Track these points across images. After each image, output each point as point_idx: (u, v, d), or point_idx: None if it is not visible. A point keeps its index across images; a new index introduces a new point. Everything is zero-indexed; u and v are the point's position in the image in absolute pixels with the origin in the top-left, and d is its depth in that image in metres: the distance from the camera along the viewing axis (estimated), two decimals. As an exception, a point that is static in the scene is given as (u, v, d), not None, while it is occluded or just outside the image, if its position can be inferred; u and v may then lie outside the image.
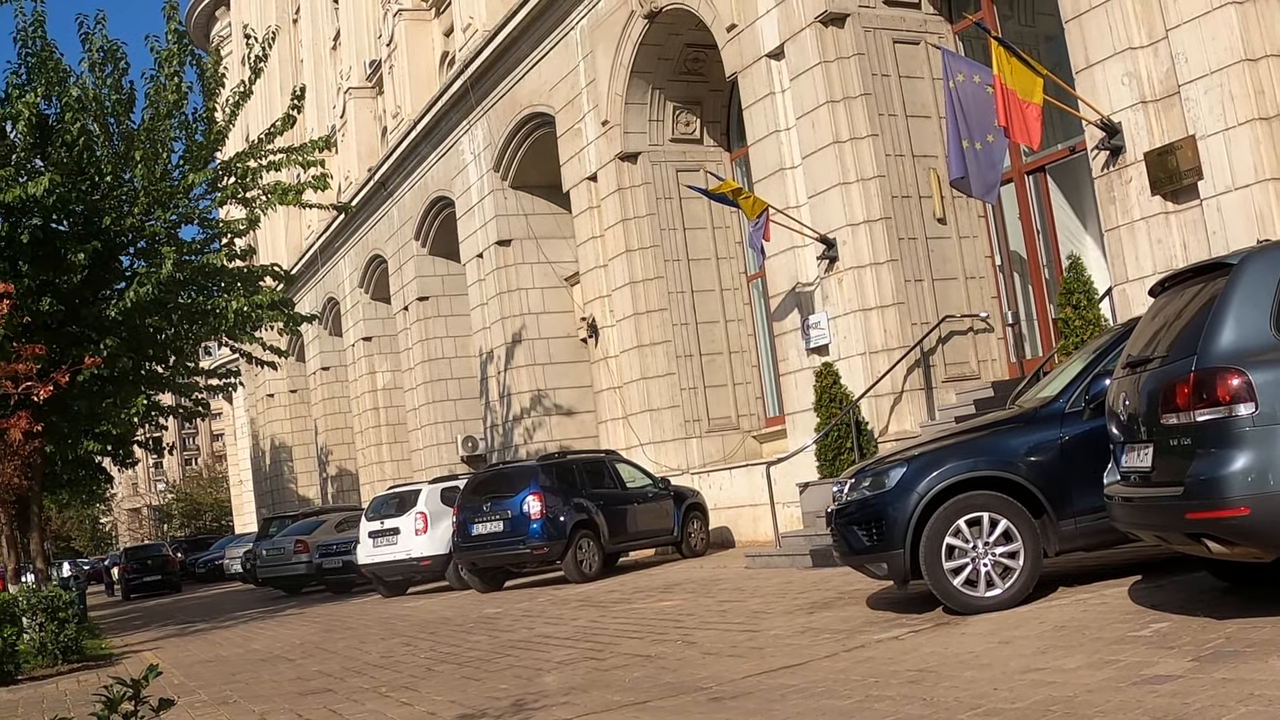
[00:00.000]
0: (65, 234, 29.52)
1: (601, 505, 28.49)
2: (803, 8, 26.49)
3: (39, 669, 23.90)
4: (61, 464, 36.99)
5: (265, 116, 60.84)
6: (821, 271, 26.68)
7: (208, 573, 70.22)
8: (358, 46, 60.99)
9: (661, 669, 13.12)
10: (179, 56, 30.57)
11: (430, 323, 51.22)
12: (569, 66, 37.04)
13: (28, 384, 17.44)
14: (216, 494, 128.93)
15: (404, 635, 21.39)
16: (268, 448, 79.60)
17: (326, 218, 58.04)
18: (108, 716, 5.67)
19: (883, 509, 13.83)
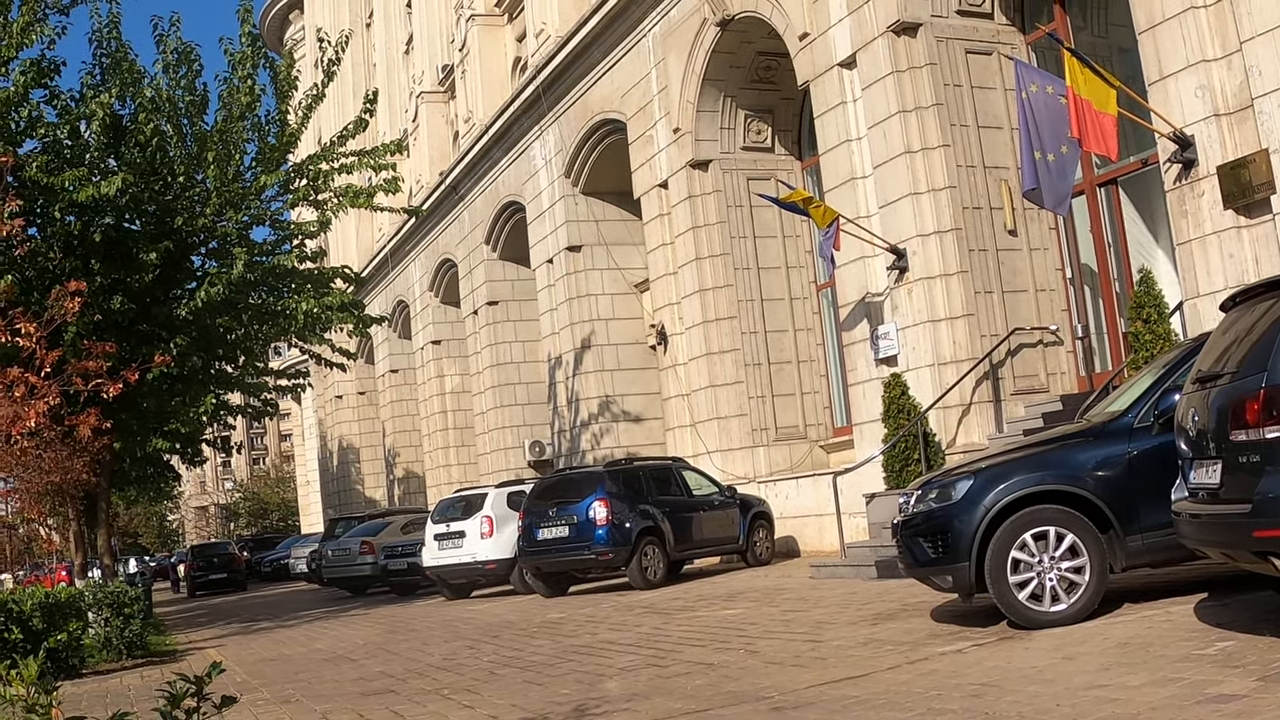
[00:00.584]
0: (137, 233, 29.71)
1: (667, 512, 28.45)
2: (875, 17, 26.43)
3: (104, 663, 24.07)
4: (130, 461, 37.19)
5: (337, 119, 61.05)
6: (891, 282, 26.60)
7: (273, 572, 70.49)
8: (430, 51, 61.13)
9: (723, 677, 13.11)
10: (252, 59, 30.74)
11: (499, 327, 51.29)
12: (641, 73, 37.06)
13: (97, 381, 17.52)
14: (283, 494, 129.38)
15: (467, 638, 21.43)
16: (335, 449, 79.88)
17: (397, 221, 58.20)
18: (170, 712, 5.69)
19: (949, 521, 13.77)
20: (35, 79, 28.05)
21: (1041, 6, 26.66)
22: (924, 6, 26.06)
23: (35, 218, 28.14)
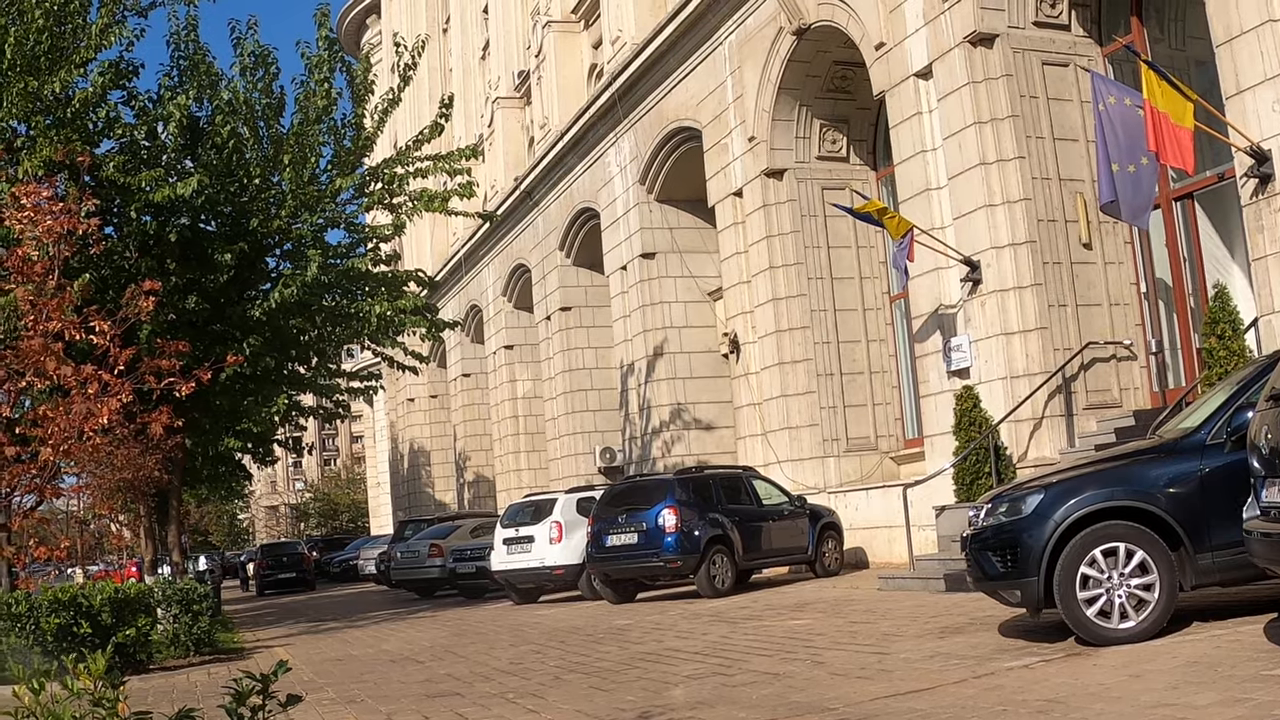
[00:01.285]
0: (213, 234, 29.91)
1: (737, 521, 28.40)
2: (952, 28, 26.35)
3: (171, 659, 24.24)
4: (202, 459, 37.47)
5: (413, 124, 61.25)
6: (965, 294, 26.51)
7: (342, 572, 70.68)
8: (506, 57, 61.28)
9: (789, 688, 13.08)
10: (329, 63, 30.91)
11: (572, 333, 51.34)
12: (716, 81, 37.05)
13: (170, 380, 17.60)
14: (354, 495, 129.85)
15: (534, 643, 21.44)
16: (406, 451, 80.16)
17: (471, 226, 58.39)
18: (236, 709, 5.72)
19: (1018, 535, 13.69)
20: (113, 80, 28.27)
21: (1118, 19, 26.52)
22: (1000, 17, 25.95)
23: (112, 217, 28.38)
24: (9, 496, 15.58)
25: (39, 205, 17.08)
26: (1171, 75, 19.46)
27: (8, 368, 15.54)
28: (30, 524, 16.76)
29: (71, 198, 18.39)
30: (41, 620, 21.20)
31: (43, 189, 18.12)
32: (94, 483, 27.14)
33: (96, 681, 5.72)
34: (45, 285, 16.06)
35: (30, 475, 15.45)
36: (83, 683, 5.73)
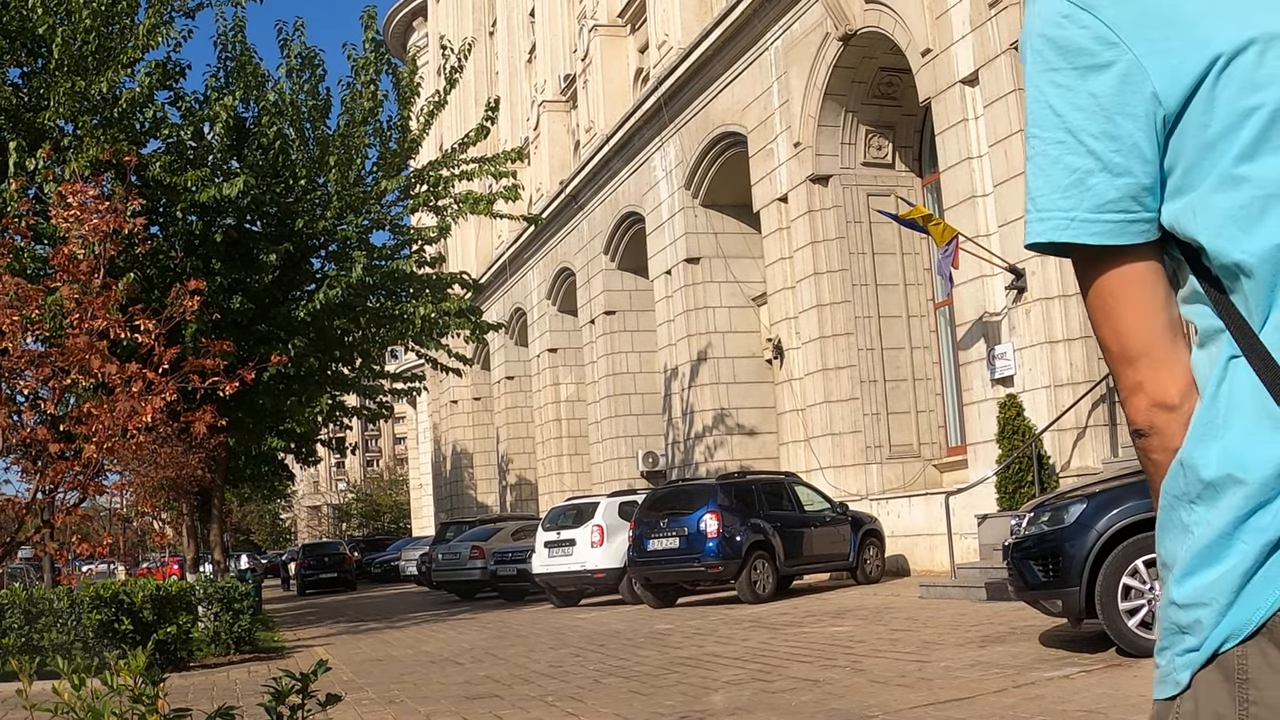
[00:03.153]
0: (258, 235, 30.03)
1: (778, 527, 28.35)
2: (998, 34, 26.28)
3: (211, 657, 24.36)
4: (245, 459, 37.60)
5: (459, 126, 61.38)
6: (1009, 302, 26.43)
7: (383, 573, 70.84)
8: (552, 60, 61.34)
9: (828, 694, 13.05)
10: (375, 65, 31.00)
11: (616, 337, 51.33)
12: (762, 87, 37.01)
13: (214, 379, 17.66)
14: (396, 496, 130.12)
15: (574, 646, 21.45)
16: (449, 453, 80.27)
17: (516, 228, 58.44)
18: (275, 708, 5.73)
19: (1060, 545, 13.63)
20: (160, 81, 28.43)
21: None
22: (1049, 25, 25.85)
23: (157, 216, 28.50)
24: (53, 493, 15.64)
25: (85, 204, 17.16)
26: None
27: (53, 365, 15.61)
28: (73, 521, 16.83)
29: (117, 197, 18.47)
30: (83, 616, 21.33)
31: (89, 188, 18.20)
32: (137, 480, 27.18)
33: (137, 678, 5.74)
34: (91, 284, 16.12)
35: (74, 472, 15.51)
36: (123, 679, 5.74)
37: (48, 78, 27.32)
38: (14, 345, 14.99)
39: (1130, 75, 2.05)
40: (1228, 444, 1.99)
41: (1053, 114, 2.13)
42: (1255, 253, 1.97)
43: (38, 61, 28.17)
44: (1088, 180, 2.09)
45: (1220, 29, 2.01)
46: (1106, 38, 2.07)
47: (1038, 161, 2.16)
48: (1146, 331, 2.11)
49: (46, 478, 15.33)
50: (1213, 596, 1.99)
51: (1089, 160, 2.09)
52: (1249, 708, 1.94)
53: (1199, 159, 2.03)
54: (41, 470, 15.55)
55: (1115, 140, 2.07)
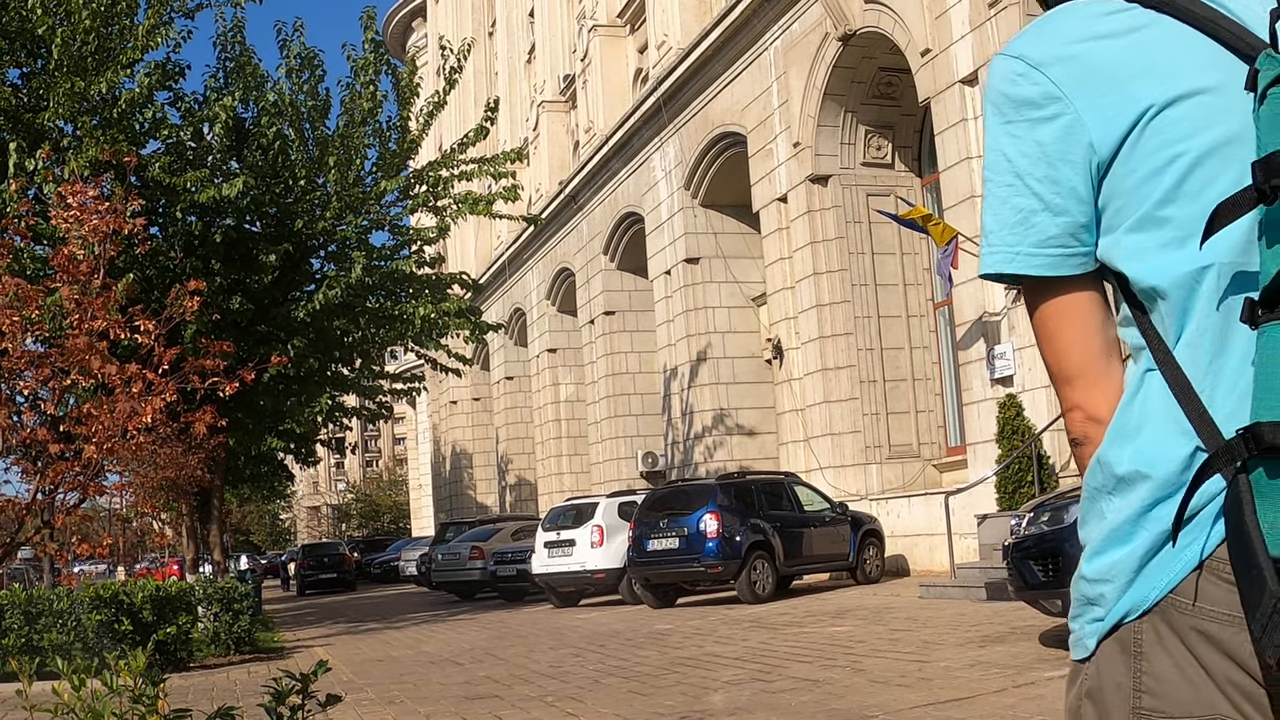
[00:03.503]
0: (258, 235, 30.06)
1: (778, 527, 28.35)
2: (997, 34, 26.28)
3: (211, 658, 24.38)
4: (245, 459, 37.62)
5: (458, 127, 61.38)
6: (1009, 301, 26.42)
7: (382, 573, 70.86)
8: (552, 61, 61.36)
9: (828, 694, 13.06)
10: (375, 65, 31.03)
11: (615, 337, 51.33)
12: (762, 87, 37.01)
13: (214, 379, 17.68)
14: (395, 496, 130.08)
15: (574, 646, 21.46)
16: (448, 453, 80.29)
17: (516, 229, 58.43)
18: (275, 708, 5.73)
19: (1060, 545, 13.63)
20: (160, 81, 28.46)
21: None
22: (1049, 25, 25.86)
23: (157, 217, 28.51)
24: (53, 493, 15.65)
25: (85, 205, 17.17)
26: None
27: (53, 366, 15.62)
28: (73, 521, 16.84)
29: (117, 198, 18.47)
30: (83, 617, 21.33)
31: (89, 189, 18.21)
32: (137, 481, 27.19)
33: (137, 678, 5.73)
34: (90, 284, 16.13)
35: (74, 472, 15.52)
36: (123, 679, 5.74)
37: (47, 78, 27.34)
38: (14, 346, 15.00)
39: (1072, 127, 2.32)
40: (1139, 445, 2.24)
41: (1005, 160, 2.40)
42: (1170, 279, 2.24)
43: (37, 62, 28.20)
44: (1032, 219, 2.35)
45: (1151, 86, 2.27)
46: (1053, 94, 2.34)
47: (990, 201, 2.43)
48: (1083, 353, 2.38)
49: (46, 478, 15.34)
50: (1116, 574, 2.24)
51: (1033, 201, 2.35)
52: (1141, 678, 2.19)
53: (1127, 200, 2.29)
54: (41, 471, 15.56)
55: (1056, 184, 2.33)
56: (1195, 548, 2.15)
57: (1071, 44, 2.37)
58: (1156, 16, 2.34)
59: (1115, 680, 2.24)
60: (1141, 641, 2.20)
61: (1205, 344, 2.21)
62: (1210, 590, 2.13)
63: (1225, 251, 2.19)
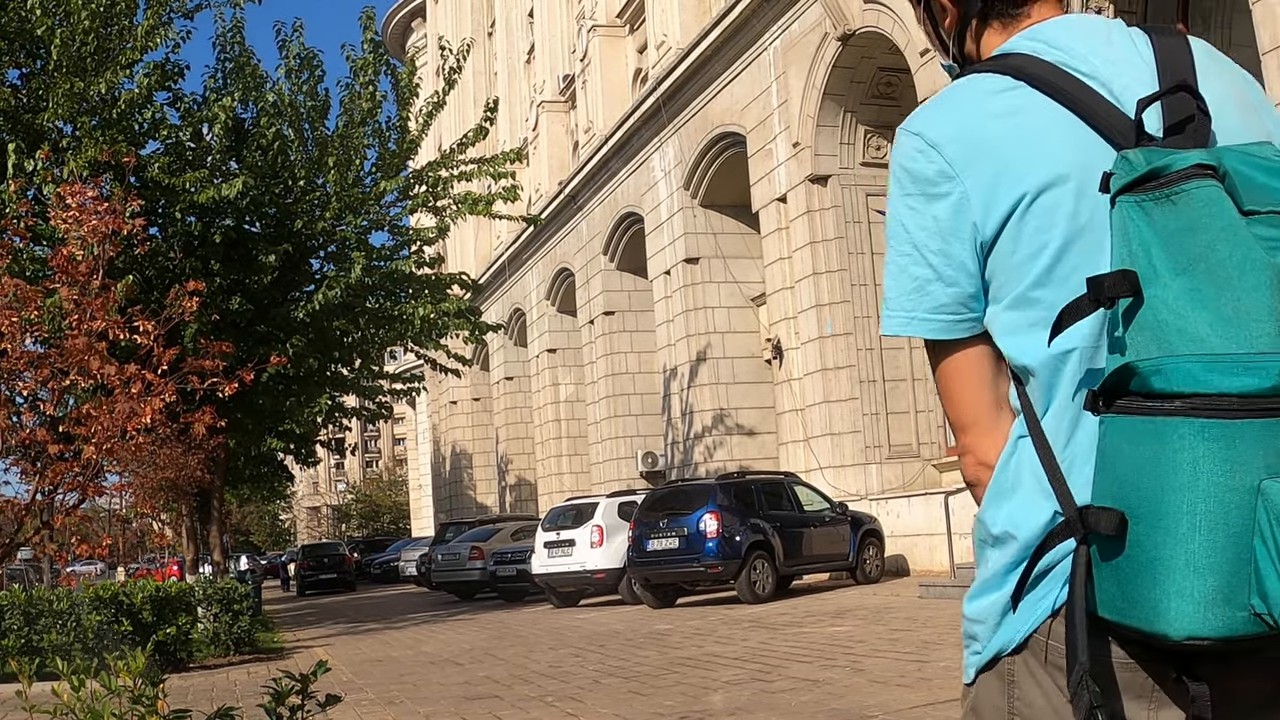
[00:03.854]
0: (257, 235, 30.07)
1: (778, 527, 28.35)
2: (999, 35, 26.25)
3: (211, 658, 24.38)
4: (244, 460, 37.61)
5: (458, 127, 61.38)
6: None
7: (382, 574, 70.89)
8: (551, 61, 61.35)
9: (828, 694, 13.05)
10: (374, 66, 31.04)
11: (615, 337, 51.32)
12: (761, 87, 37.01)
13: (214, 380, 17.68)
14: (395, 497, 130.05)
15: (573, 646, 21.46)
16: (448, 454, 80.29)
17: (515, 229, 58.43)
18: (275, 708, 5.72)
19: (1059, 544, 13.59)
20: (159, 82, 28.47)
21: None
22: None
23: (156, 218, 28.52)
24: (52, 494, 15.64)
25: (84, 205, 17.16)
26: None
27: (52, 366, 15.61)
28: (73, 522, 16.83)
29: (116, 198, 18.47)
30: (82, 617, 21.33)
31: (88, 189, 18.20)
32: (136, 481, 27.17)
33: (136, 679, 5.73)
34: (89, 285, 16.13)
35: (73, 473, 15.50)
36: (122, 680, 5.74)
37: (46, 79, 27.34)
38: (13, 346, 15.00)
39: (960, 205, 2.52)
40: (1010, 508, 2.49)
41: (904, 230, 2.63)
42: (1038, 359, 2.46)
43: (36, 63, 28.20)
44: (926, 287, 2.58)
45: (1029, 172, 2.47)
46: (946, 172, 2.54)
47: (890, 267, 2.68)
48: (975, 406, 2.60)
49: (46, 479, 15.33)
50: (988, 616, 2.51)
51: (928, 271, 2.58)
52: (1014, 703, 2.47)
53: (1008, 278, 2.50)
54: (41, 471, 15.55)
55: (947, 257, 2.55)
56: (1051, 597, 2.41)
57: (966, 123, 2.56)
58: (1039, 99, 2.53)
59: (993, 703, 2.51)
60: (1014, 673, 2.47)
61: (1066, 419, 2.44)
62: (1061, 633, 2.35)
63: (1087, 337, 2.41)
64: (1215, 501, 2.12)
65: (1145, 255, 2.23)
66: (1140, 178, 2.26)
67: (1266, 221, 2.21)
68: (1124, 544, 2.20)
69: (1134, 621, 2.20)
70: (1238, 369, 2.12)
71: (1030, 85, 2.54)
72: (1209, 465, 2.12)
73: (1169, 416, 2.15)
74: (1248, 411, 2.11)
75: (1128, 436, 2.20)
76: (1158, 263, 2.22)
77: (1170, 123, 2.40)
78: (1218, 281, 2.18)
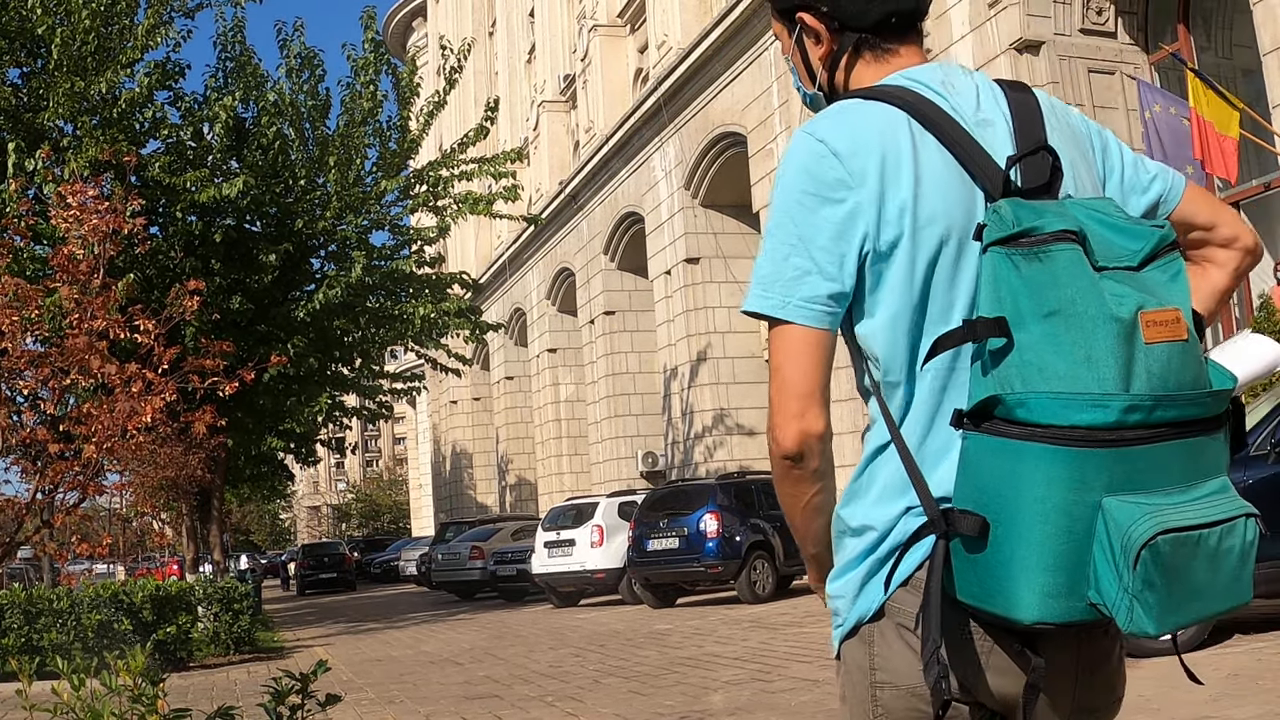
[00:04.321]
0: (258, 235, 30.08)
1: (778, 527, 28.32)
2: (998, 35, 26.26)
3: (211, 657, 24.38)
4: (244, 459, 37.61)
5: (458, 127, 61.37)
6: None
7: (382, 573, 70.91)
8: (552, 60, 61.32)
9: (828, 694, 13.05)
10: (375, 65, 31.06)
11: (615, 337, 51.27)
12: (762, 87, 36.99)
13: (214, 379, 17.71)
14: (395, 496, 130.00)
15: (573, 646, 21.47)
16: (448, 453, 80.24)
17: (516, 229, 58.38)
18: (275, 708, 5.73)
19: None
20: (160, 81, 28.48)
21: (1165, 26, 26.40)
22: (1047, 25, 25.85)
23: (157, 217, 28.53)
24: (52, 493, 15.66)
25: (85, 204, 17.19)
26: (1218, 84, 19.37)
27: (53, 365, 15.64)
28: (73, 521, 16.85)
29: (117, 197, 18.50)
30: (83, 616, 21.34)
31: (88, 188, 18.23)
32: (136, 480, 27.18)
33: (136, 678, 5.74)
34: (90, 284, 16.16)
35: (74, 472, 15.53)
36: (122, 679, 5.74)
37: (47, 78, 27.35)
38: (14, 345, 15.02)
39: (855, 215, 2.78)
40: (867, 505, 2.88)
41: (791, 224, 2.83)
42: (904, 367, 2.82)
43: (37, 62, 28.21)
44: (805, 278, 2.80)
45: (918, 206, 2.78)
46: (846, 183, 2.79)
47: (771, 253, 2.86)
48: (817, 379, 2.83)
49: (46, 478, 15.36)
50: (846, 592, 2.89)
51: (809, 264, 2.80)
52: (874, 659, 2.84)
53: (891, 290, 2.80)
54: (41, 470, 15.58)
55: (831, 255, 2.79)
56: (902, 572, 2.79)
57: (870, 144, 2.80)
58: (927, 138, 2.83)
59: (858, 664, 2.88)
60: (872, 637, 2.84)
61: (918, 428, 2.81)
62: (908, 599, 2.78)
63: (946, 359, 2.78)
64: (1064, 514, 2.51)
65: (1014, 302, 2.57)
66: (1011, 235, 2.59)
67: (1114, 277, 2.58)
68: (985, 543, 2.58)
69: (991, 607, 2.60)
70: (1087, 406, 2.51)
71: (921, 124, 2.84)
72: (1060, 484, 2.50)
73: (1029, 441, 2.52)
74: (1093, 441, 2.50)
75: (991, 452, 2.57)
76: (1024, 310, 2.56)
77: (1033, 181, 2.74)
78: (1074, 330, 2.53)
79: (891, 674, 2.82)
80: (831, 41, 3.07)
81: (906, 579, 2.79)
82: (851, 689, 2.93)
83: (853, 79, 3.08)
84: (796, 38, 3.14)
